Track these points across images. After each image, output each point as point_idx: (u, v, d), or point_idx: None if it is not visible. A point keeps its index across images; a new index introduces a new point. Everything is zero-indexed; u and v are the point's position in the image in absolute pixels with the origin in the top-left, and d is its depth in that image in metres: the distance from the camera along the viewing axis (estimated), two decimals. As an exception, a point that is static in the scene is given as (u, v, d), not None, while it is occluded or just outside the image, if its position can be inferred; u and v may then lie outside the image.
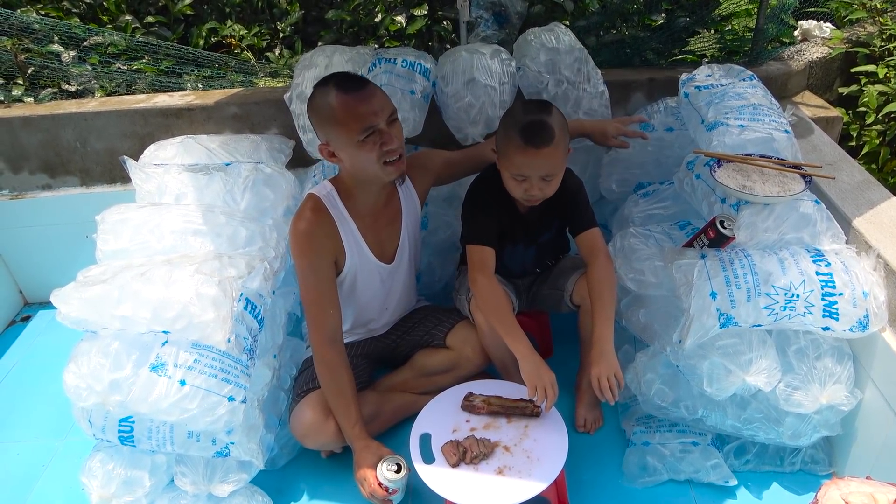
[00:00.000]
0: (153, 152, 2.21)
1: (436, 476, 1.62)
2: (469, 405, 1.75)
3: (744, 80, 2.07)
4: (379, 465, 1.68)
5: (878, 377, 1.63)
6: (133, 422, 1.63)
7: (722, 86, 2.03)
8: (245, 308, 1.68)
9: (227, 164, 2.08)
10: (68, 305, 1.62)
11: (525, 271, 2.04)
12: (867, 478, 1.02)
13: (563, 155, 1.72)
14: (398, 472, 1.66)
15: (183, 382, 1.56)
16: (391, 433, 1.96)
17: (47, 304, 2.69)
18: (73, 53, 2.69)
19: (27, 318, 2.69)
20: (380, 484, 1.67)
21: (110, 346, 1.61)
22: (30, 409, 2.25)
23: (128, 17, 2.90)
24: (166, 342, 1.60)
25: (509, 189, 1.77)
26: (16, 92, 2.59)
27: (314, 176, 2.27)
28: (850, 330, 1.61)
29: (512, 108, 1.75)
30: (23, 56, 2.64)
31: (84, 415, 1.66)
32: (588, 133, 2.03)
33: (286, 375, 2.04)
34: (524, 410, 1.74)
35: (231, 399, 1.60)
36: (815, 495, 1.02)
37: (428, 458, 1.67)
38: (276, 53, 2.97)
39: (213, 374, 1.59)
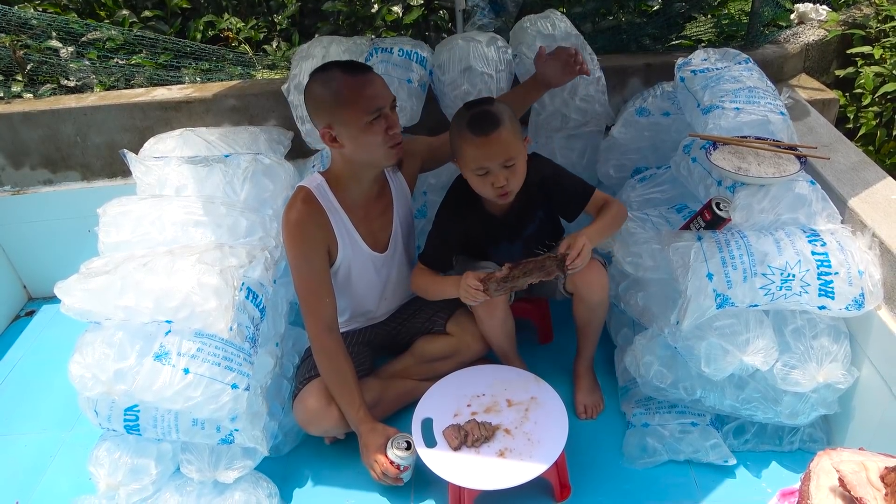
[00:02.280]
0: (153, 145, 2.23)
1: (438, 459, 1.65)
2: (486, 278, 1.70)
3: (739, 63, 2.07)
4: (388, 445, 1.72)
5: (875, 355, 1.65)
6: (138, 410, 1.65)
7: (718, 69, 2.03)
8: (247, 297, 1.70)
9: (227, 156, 2.09)
10: (72, 297, 1.64)
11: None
12: (860, 449, 1.04)
13: (517, 139, 1.71)
14: (408, 449, 1.69)
15: (186, 371, 1.58)
16: (393, 419, 1.98)
17: (51, 299, 2.70)
18: (71, 49, 2.70)
19: (31, 313, 2.71)
20: (391, 462, 1.69)
21: (114, 337, 1.63)
22: (36, 402, 2.27)
23: (125, 12, 2.91)
24: (169, 331, 1.62)
25: (479, 191, 1.76)
26: (15, 88, 2.60)
27: (313, 166, 2.28)
28: (846, 309, 1.62)
29: (457, 112, 1.76)
30: (21, 52, 2.65)
31: (90, 404, 1.68)
32: (545, 82, 2.00)
33: (288, 364, 2.06)
34: (545, 265, 1.69)
35: (234, 387, 1.62)
36: (808, 466, 1.03)
37: (430, 443, 1.69)
38: (274, 46, 2.97)
39: (217, 363, 1.61)
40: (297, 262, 1.77)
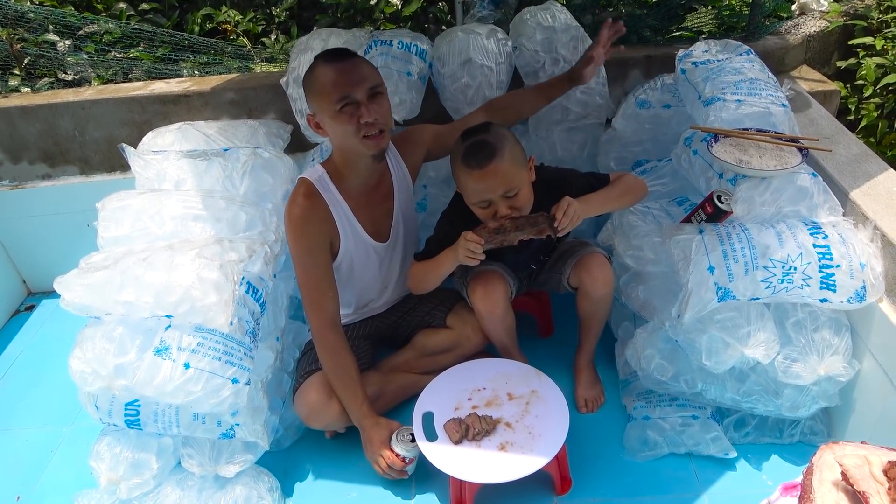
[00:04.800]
0: (151, 139, 2.22)
1: (439, 453, 1.65)
2: (478, 229, 1.67)
3: (741, 54, 2.06)
4: (393, 438, 1.72)
5: (876, 348, 1.65)
6: (139, 405, 1.65)
7: (719, 61, 2.02)
8: (247, 291, 1.70)
9: (226, 150, 2.08)
10: (71, 292, 1.63)
11: (521, 269, 2.03)
12: (862, 443, 1.04)
13: (519, 166, 1.67)
14: (413, 441, 1.69)
15: (187, 365, 1.57)
16: (394, 413, 1.98)
17: (51, 294, 2.71)
18: (68, 42, 2.69)
19: (31, 308, 2.71)
20: (397, 455, 1.70)
21: (114, 331, 1.62)
22: (37, 397, 2.27)
23: (122, 5, 2.90)
24: (170, 326, 1.62)
25: (483, 220, 1.73)
26: (12, 82, 2.59)
27: (312, 160, 2.28)
28: (848, 301, 1.62)
29: (455, 141, 1.73)
30: (18, 46, 2.63)
31: (90, 399, 1.68)
32: (575, 78, 1.98)
33: (289, 358, 2.06)
34: (537, 222, 1.66)
35: (235, 381, 1.61)
36: (811, 459, 1.03)
37: (431, 437, 1.69)
38: (272, 39, 2.96)
39: (217, 357, 1.61)
40: (300, 257, 1.77)
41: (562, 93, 2.05)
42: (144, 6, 2.94)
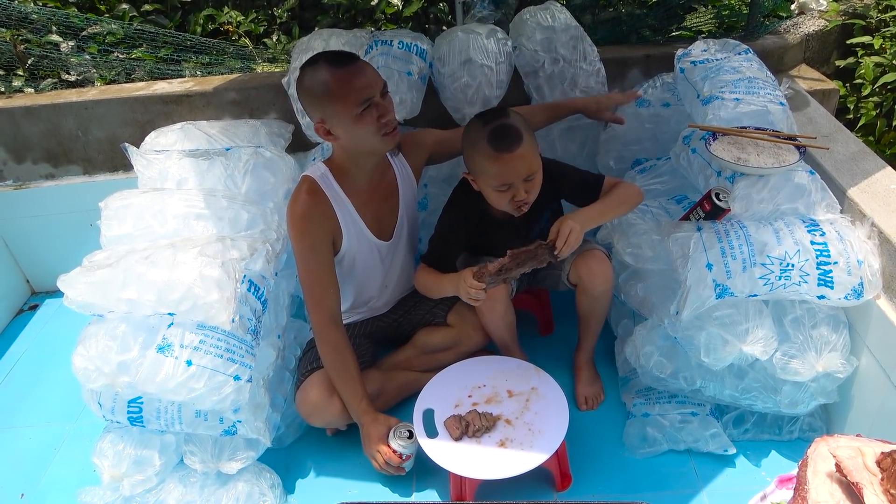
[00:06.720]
0: (154, 139, 2.23)
1: (439, 450, 1.66)
2: (479, 272, 1.70)
3: (739, 53, 2.07)
4: (391, 434, 1.73)
5: (874, 344, 1.65)
6: (142, 402, 1.66)
7: (717, 60, 2.03)
8: (248, 289, 1.71)
9: (228, 149, 2.10)
10: (75, 290, 1.64)
11: None
12: (857, 435, 1.05)
13: (537, 151, 1.70)
14: (410, 437, 1.71)
15: (189, 363, 1.59)
16: (395, 410, 2.00)
17: (54, 293, 2.72)
18: (71, 43, 2.71)
19: (35, 307, 2.72)
20: (394, 451, 1.71)
21: (117, 329, 1.64)
22: (40, 395, 2.29)
23: (125, 6, 2.91)
24: (172, 324, 1.63)
25: (495, 204, 1.74)
26: (16, 83, 2.60)
27: (313, 159, 2.29)
28: (845, 298, 1.63)
29: (469, 125, 1.73)
30: (22, 46, 2.65)
31: (94, 397, 1.69)
32: (581, 109, 2.05)
33: (290, 356, 2.07)
34: (538, 254, 1.69)
35: (237, 378, 1.63)
36: (806, 452, 1.04)
37: (431, 433, 1.70)
38: (274, 39, 2.98)
39: (219, 354, 1.62)
40: (303, 254, 1.78)
41: (564, 117, 2.11)
42: (147, 7, 2.96)
